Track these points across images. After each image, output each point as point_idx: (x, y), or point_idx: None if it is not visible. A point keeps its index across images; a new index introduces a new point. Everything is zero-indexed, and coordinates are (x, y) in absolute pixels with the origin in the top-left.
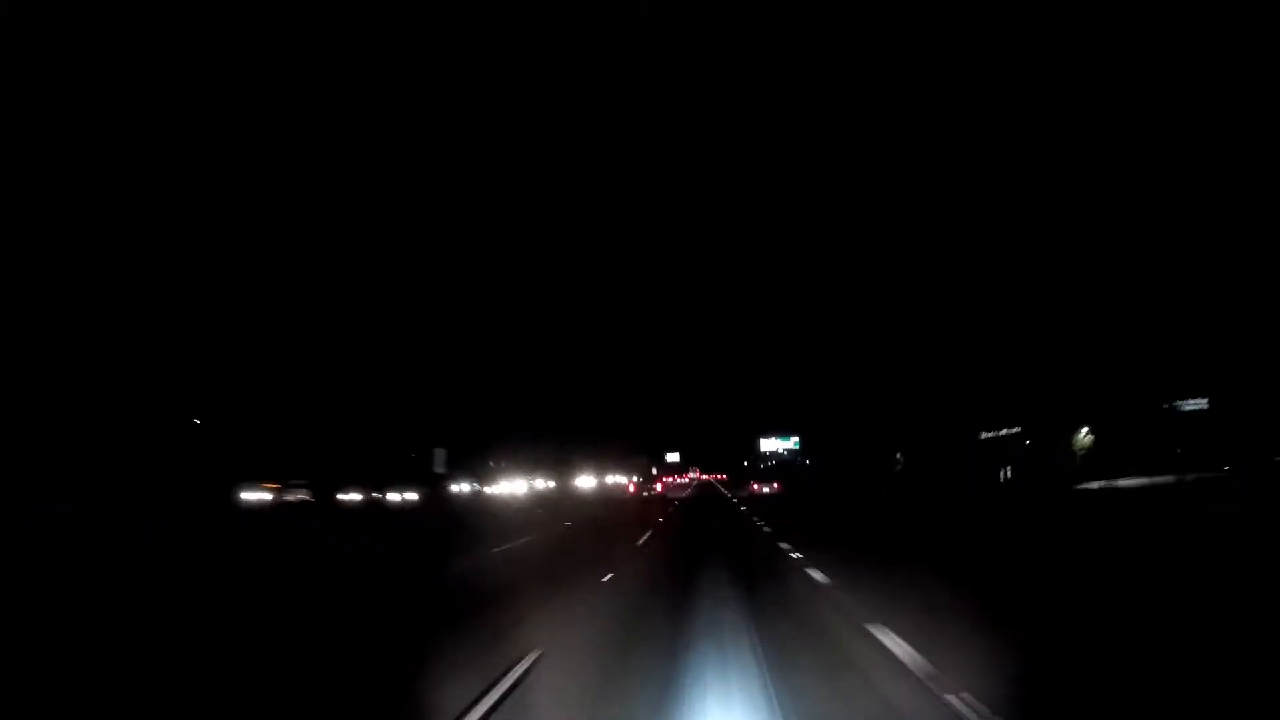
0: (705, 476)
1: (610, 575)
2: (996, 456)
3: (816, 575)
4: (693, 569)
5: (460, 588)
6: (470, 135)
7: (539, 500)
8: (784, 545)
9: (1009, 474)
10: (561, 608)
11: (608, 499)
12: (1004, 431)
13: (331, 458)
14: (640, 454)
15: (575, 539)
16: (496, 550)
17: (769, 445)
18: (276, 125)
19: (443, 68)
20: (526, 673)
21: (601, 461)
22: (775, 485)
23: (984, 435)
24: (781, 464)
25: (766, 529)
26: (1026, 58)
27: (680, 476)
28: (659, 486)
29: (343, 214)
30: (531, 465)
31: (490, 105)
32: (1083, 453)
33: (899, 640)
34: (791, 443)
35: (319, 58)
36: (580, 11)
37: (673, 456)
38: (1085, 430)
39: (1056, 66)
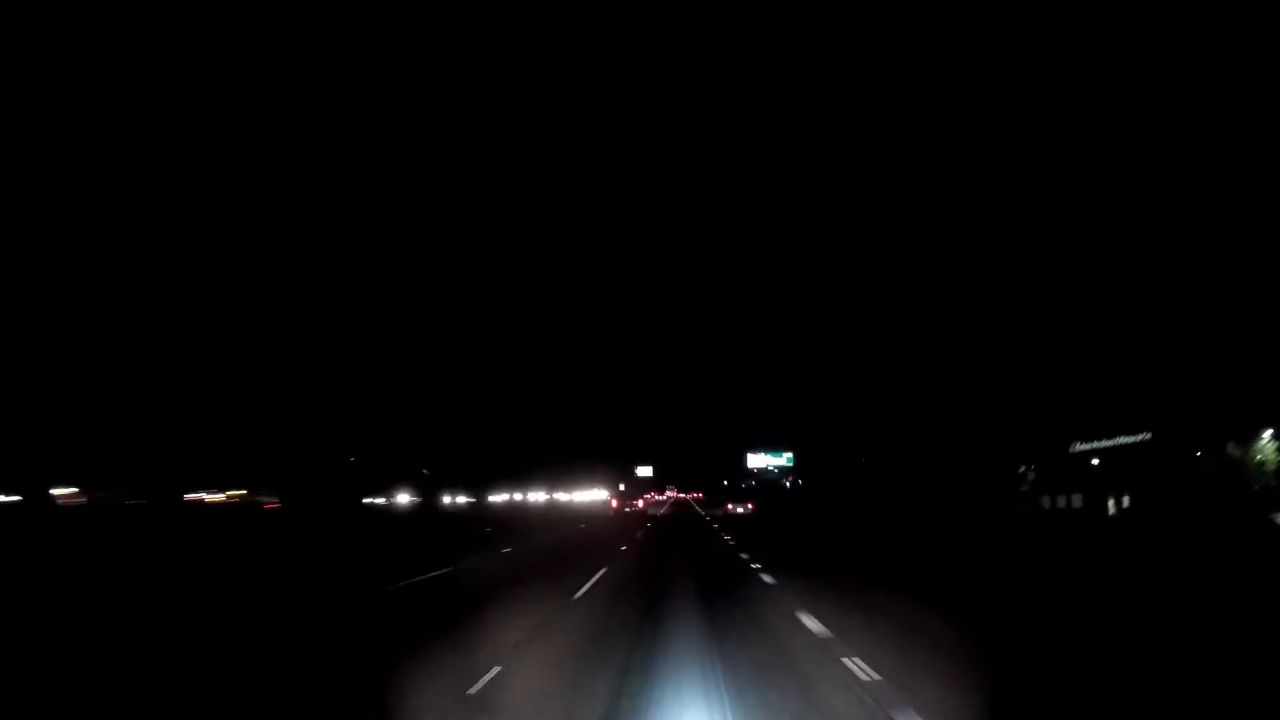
0: (682, 495)
1: None
2: (1103, 476)
3: None
4: None
5: None
6: (447, 139)
7: None
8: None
9: (1126, 503)
10: None
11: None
12: (1120, 440)
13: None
14: (606, 466)
15: None
16: None
17: (757, 461)
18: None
19: (443, 68)
20: None
21: (556, 475)
22: (749, 505)
23: (1078, 447)
24: (764, 484)
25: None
26: (1027, 58)
27: (658, 495)
28: (640, 503)
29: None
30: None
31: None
32: (1264, 468)
33: None
34: (784, 459)
35: (319, 58)
36: (580, 11)
37: (644, 471)
38: (1269, 435)
39: (1058, 66)
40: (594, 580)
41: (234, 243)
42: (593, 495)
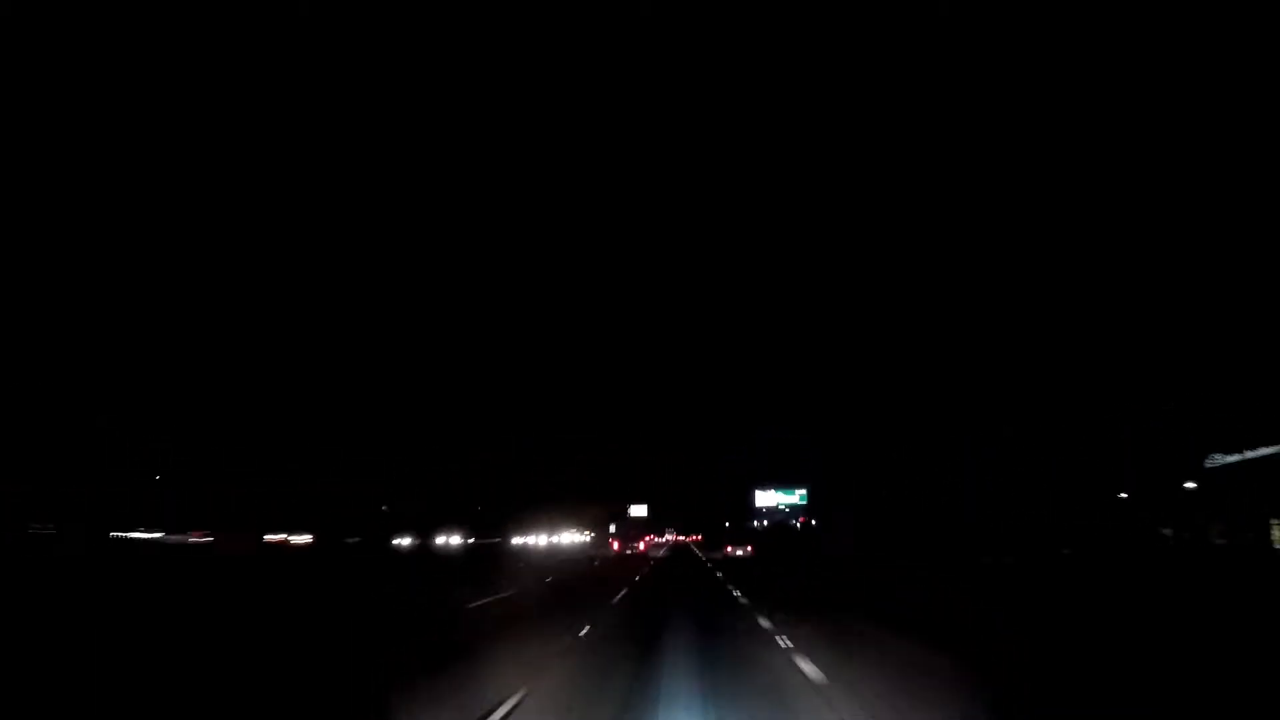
0: (681, 538)
1: None
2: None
3: None
4: None
5: None
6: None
7: None
8: None
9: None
10: None
11: None
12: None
13: None
14: (594, 505)
15: None
16: None
17: (766, 499)
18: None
19: (442, 68)
20: None
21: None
22: (748, 548)
23: (1220, 460)
24: (772, 524)
25: None
26: (1027, 58)
27: (657, 538)
28: (642, 545)
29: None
30: None
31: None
32: None
33: None
34: (796, 497)
35: (319, 58)
36: (580, 11)
37: (639, 510)
38: None
39: (1061, 66)
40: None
41: (214, 247)
42: (573, 538)
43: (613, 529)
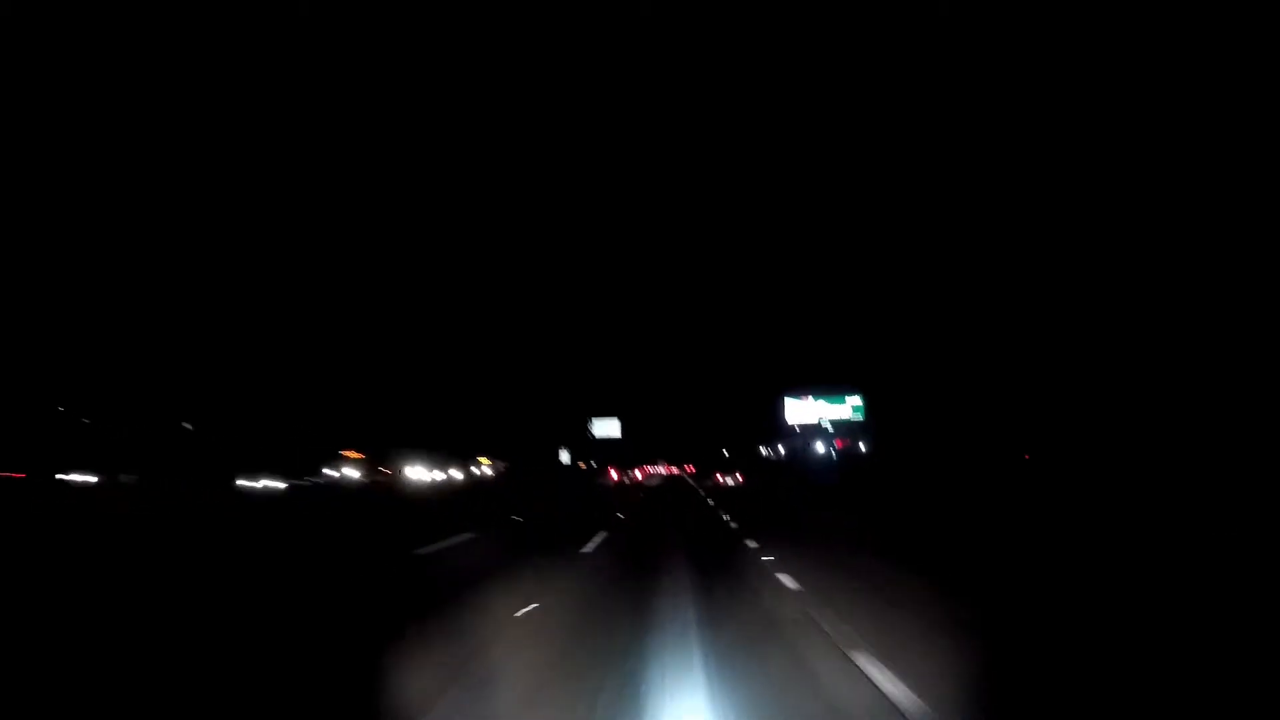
0: (674, 469)
1: None
2: None
3: None
4: None
5: None
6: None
7: None
8: None
9: None
10: None
11: None
12: None
13: None
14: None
15: None
16: None
17: (801, 412)
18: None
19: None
20: None
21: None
22: (738, 477)
23: None
24: (792, 451)
25: None
26: (1027, 58)
27: (651, 468)
28: (639, 474)
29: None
30: None
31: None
32: None
33: None
34: (847, 407)
35: (319, 58)
36: (580, 11)
37: (608, 427)
38: None
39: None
40: None
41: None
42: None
43: (565, 457)
